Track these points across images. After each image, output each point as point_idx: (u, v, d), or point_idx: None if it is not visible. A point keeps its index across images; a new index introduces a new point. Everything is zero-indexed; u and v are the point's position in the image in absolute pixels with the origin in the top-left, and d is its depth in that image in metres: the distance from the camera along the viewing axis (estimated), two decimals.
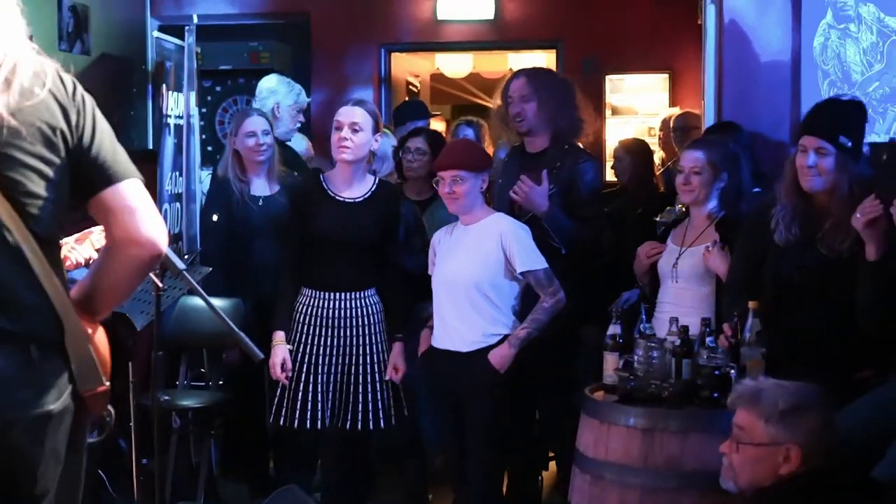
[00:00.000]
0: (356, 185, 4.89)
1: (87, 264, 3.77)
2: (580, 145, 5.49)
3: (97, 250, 3.80)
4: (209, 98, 8.77)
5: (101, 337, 2.60)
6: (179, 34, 7.70)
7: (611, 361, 4.15)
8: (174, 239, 6.25)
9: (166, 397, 5.08)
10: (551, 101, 5.21)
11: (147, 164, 7.15)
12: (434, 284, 4.82)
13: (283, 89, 6.66)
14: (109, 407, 2.64)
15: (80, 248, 3.75)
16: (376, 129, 4.86)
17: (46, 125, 2.42)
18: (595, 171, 5.31)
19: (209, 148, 7.35)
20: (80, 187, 2.50)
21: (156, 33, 8.25)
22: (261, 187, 5.76)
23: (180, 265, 3.20)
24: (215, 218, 5.72)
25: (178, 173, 6.66)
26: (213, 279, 5.39)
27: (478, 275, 4.67)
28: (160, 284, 3.29)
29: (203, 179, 6.63)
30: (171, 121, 6.72)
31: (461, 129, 7.26)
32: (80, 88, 2.50)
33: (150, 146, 8.67)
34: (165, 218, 6.35)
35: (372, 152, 4.92)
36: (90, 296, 2.57)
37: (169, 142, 6.65)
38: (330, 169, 5.07)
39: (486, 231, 4.74)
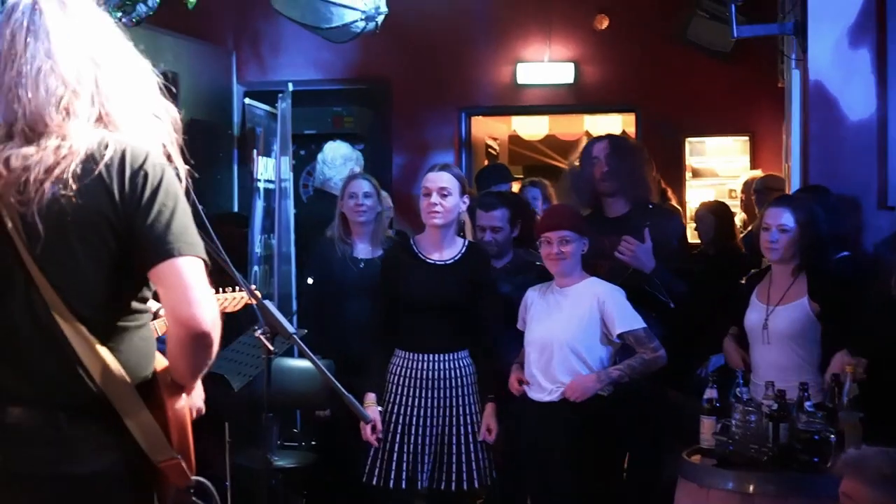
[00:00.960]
0: (445, 248, 4.97)
1: None
2: (660, 203, 5.56)
3: None
4: (293, 161, 8.93)
5: (179, 406, 2.59)
6: (265, 99, 7.88)
7: (708, 425, 4.17)
8: (265, 299, 6.34)
9: (276, 458, 5.14)
10: (633, 164, 5.33)
11: (235, 226, 7.34)
12: (527, 343, 4.89)
13: (355, 155, 6.84)
14: (201, 479, 2.63)
15: None
16: (463, 192, 4.95)
17: (92, 206, 2.44)
18: (683, 226, 5.39)
19: (293, 210, 7.44)
20: (138, 260, 2.50)
21: (247, 100, 8.43)
22: (364, 250, 5.87)
23: (290, 329, 3.28)
24: (310, 280, 5.82)
25: (266, 236, 6.79)
26: (303, 339, 5.47)
27: (573, 336, 4.74)
28: (271, 348, 3.36)
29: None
30: (261, 185, 6.87)
31: (528, 190, 7.34)
32: (149, 162, 2.50)
33: (236, 209, 8.85)
34: (254, 280, 6.47)
35: (459, 214, 5.00)
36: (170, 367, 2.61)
37: (258, 205, 6.79)
38: (415, 231, 5.15)
39: (582, 294, 4.81)
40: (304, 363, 5.36)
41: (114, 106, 2.50)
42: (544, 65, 9.35)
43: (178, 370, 2.58)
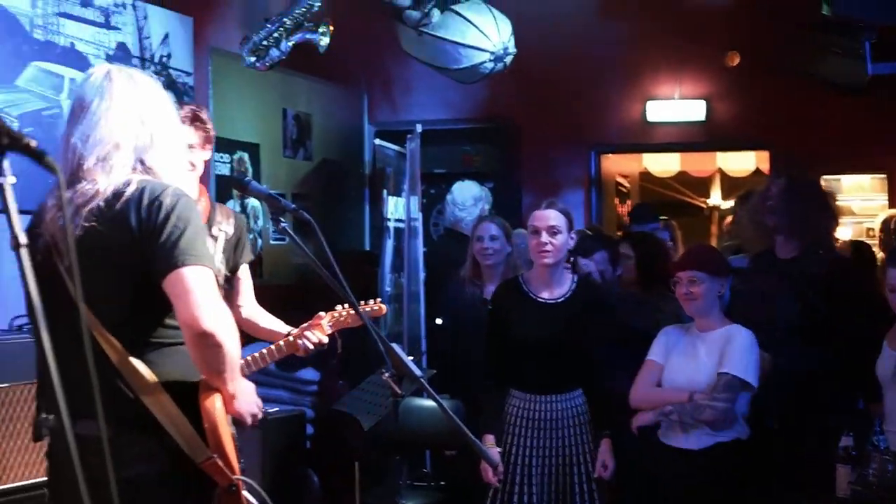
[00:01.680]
0: (555, 286, 4.93)
1: (318, 348, 3.94)
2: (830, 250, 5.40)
3: (329, 335, 3.96)
4: (424, 200, 9.01)
5: (210, 408, 2.86)
6: (395, 139, 7.98)
7: (844, 474, 4.06)
8: (394, 337, 6.40)
9: (404, 499, 5.17)
10: (806, 205, 5.21)
11: (366, 265, 7.43)
12: (665, 382, 4.81)
13: (484, 195, 6.87)
14: (244, 478, 2.88)
15: (311, 333, 3.90)
16: (570, 228, 4.92)
17: (115, 235, 2.80)
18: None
19: (423, 249, 7.50)
20: (153, 275, 2.79)
21: (377, 140, 8.55)
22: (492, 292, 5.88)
23: (417, 372, 3.30)
24: (440, 321, 5.86)
25: (396, 275, 6.85)
26: (432, 379, 5.51)
27: (711, 383, 4.64)
28: (399, 391, 3.38)
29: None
30: (391, 224, 6.93)
31: (657, 232, 7.32)
32: (165, 194, 2.83)
33: (367, 248, 8.95)
34: (384, 319, 6.54)
35: (569, 252, 4.96)
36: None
37: (389, 244, 6.86)
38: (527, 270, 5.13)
39: (717, 341, 4.71)
40: (433, 403, 5.39)
41: (150, 157, 2.92)
42: (675, 102, 9.27)
43: (203, 372, 2.86)
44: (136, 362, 2.79)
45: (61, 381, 2.02)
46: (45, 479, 3.09)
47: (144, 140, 2.91)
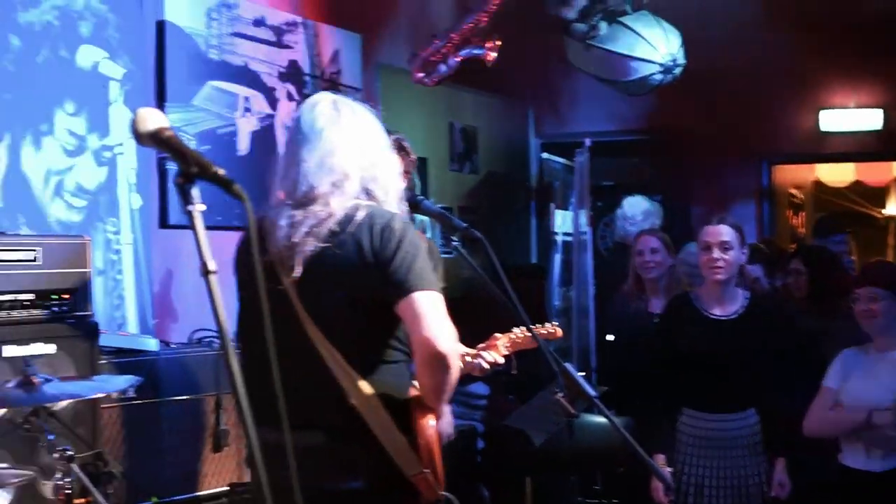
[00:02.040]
0: (727, 302, 4.81)
1: (493, 368, 3.95)
2: None
3: (505, 356, 3.96)
4: (591, 213, 8.94)
5: (428, 426, 2.99)
6: (562, 152, 7.94)
7: None
8: (563, 352, 6.37)
9: None
10: None
11: (533, 278, 7.41)
12: (843, 404, 4.65)
13: (655, 209, 6.77)
14: (449, 495, 3.05)
15: (486, 354, 3.92)
16: (743, 243, 4.80)
17: (345, 256, 2.93)
18: None
19: (592, 263, 7.45)
20: (388, 301, 2.92)
21: (545, 154, 8.53)
22: (658, 305, 5.79)
23: (590, 392, 3.27)
24: (610, 337, 5.80)
25: (565, 289, 6.81)
26: (603, 396, 5.45)
27: (887, 404, 4.48)
28: (572, 410, 3.36)
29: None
30: (559, 238, 6.90)
31: (834, 245, 7.12)
32: (393, 221, 2.97)
33: (534, 260, 8.93)
34: None
35: (741, 266, 4.84)
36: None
37: (557, 258, 6.83)
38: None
39: None
40: (604, 420, 5.33)
41: (374, 185, 3.06)
42: (850, 111, 9.01)
43: (425, 391, 2.97)
44: (357, 377, 2.91)
45: (277, 392, 2.09)
46: (235, 485, 3.19)
47: (369, 170, 3.06)
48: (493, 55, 6.20)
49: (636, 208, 6.92)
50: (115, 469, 3.78)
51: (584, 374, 5.82)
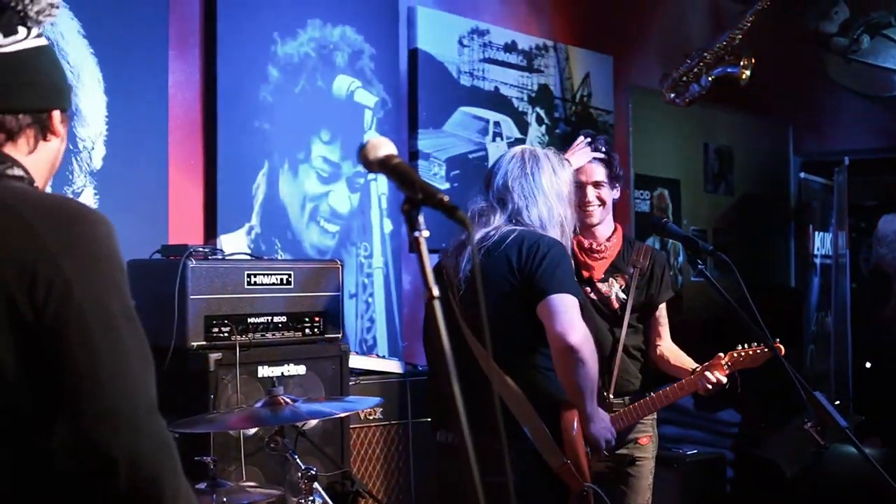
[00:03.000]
0: None
1: (716, 388, 3.89)
2: None
3: (728, 374, 3.91)
4: (852, 235, 8.60)
5: (569, 422, 3.41)
6: (821, 171, 7.66)
7: None
8: (818, 379, 6.13)
9: None
10: None
11: (790, 303, 7.17)
12: None
13: None
14: (593, 486, 3.41)
15: (709, 373, 3.87)
16: None
17: (498, 270, 3.46)
18: None
19: (851, 287, 7.15)
20: (530, 301, 3.41)
21: (802, 174, 8.26)
22: None
23: (841, 422, 3.15)
24: (868, 365, 5.57)
25: (822, 313, 6.57)
26: (860, 426, 5.24)
27: None
28: (822, 442, 3.24)
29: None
30: (818, 260, 6.67)
31: None
32: (541, 241, 3.49)
33: (792, 284, 8.65)
34: (809, 359, 6.29)
35: None
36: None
37: (815, 281, 6.60)
38: None
39: None
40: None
41: (526, 215, 3.60)
42: None
43: (566, 387, 3.41)
44: (508, 377, 3.37)
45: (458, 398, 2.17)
46: None
47: (542, 208, 3.60)
48: (746, 73, 6.06)
49: (888, 227, 6.58)
50: (361, 488, 3.88)
51: (839, 402, 5.61)
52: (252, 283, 3.98)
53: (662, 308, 4.34)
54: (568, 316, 3.32)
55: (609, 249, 4.23)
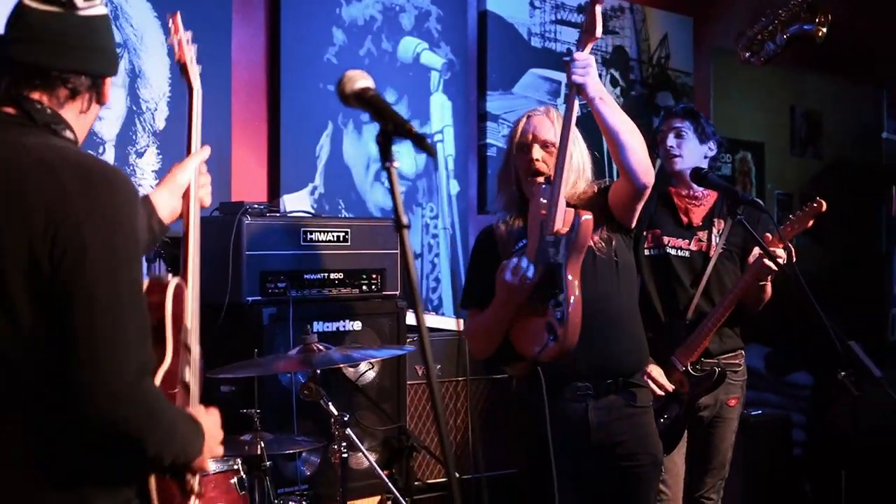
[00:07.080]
0: None
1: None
2: None
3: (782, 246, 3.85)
4: None
5: None
6: None
7: None
8: None
9: None
10: None
11: (873, 266, 7.02)
12: None
13: None
14: None
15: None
16: None
17: None
18: None
19: None
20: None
21: (884, 134, 8.07)
22: None
23: (877, 373, 3.12)
24: None
25: None
26: None
27: None
28: (855, 392, 3.22)
29: None
30: None
31: None
32: None
33: (883, 248, 8.46)
34: (892, 322, 6.17)
35: None
36: None
37: None
38: None
39: None
40: None
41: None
42: None
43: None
44: None
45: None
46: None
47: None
48: (823, 31, 5.91)
49: None
50: (416, 443, 3.92)
51: None
52: (308, 240, 4.05)
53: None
54: None
55: (706, 198, 4.19)
